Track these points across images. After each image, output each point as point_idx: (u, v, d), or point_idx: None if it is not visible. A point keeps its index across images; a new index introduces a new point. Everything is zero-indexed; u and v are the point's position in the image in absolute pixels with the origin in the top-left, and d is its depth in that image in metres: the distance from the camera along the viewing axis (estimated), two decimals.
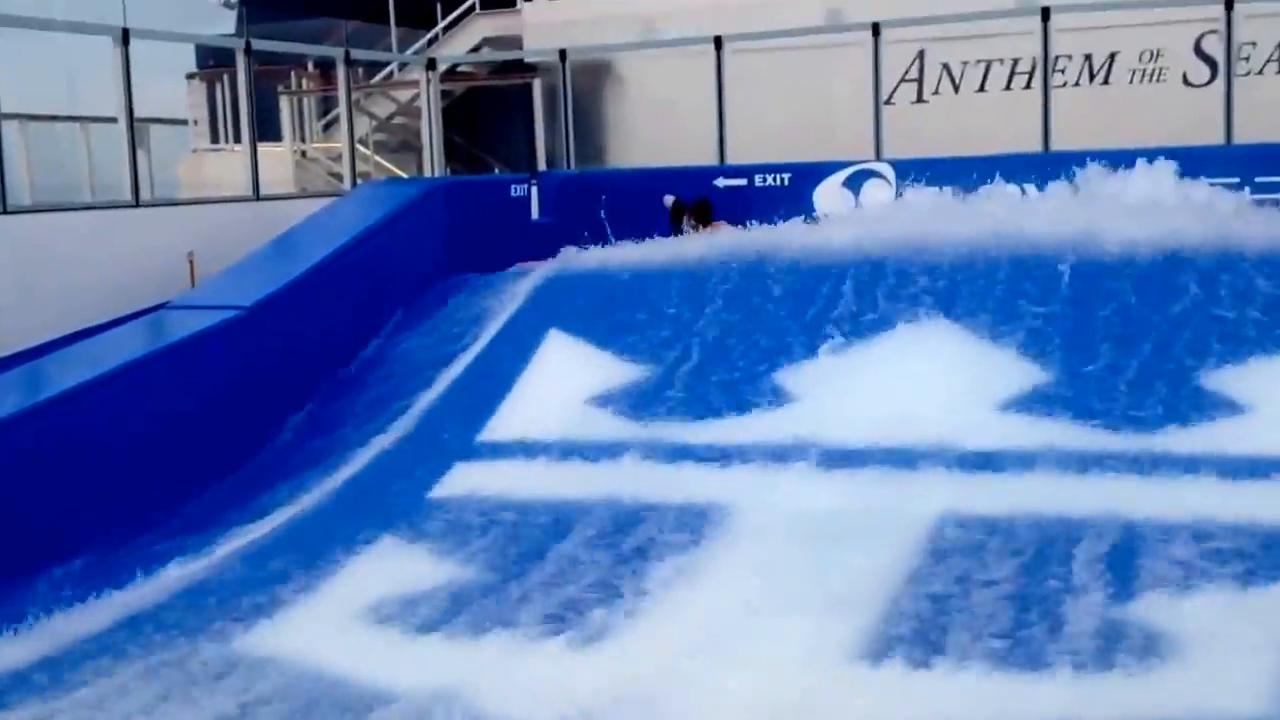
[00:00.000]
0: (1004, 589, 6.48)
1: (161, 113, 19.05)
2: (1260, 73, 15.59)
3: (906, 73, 16.93)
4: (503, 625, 6.55)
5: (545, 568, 7.16)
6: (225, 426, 9.08)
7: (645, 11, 18.55)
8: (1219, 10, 12.55)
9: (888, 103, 14.17)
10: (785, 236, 10.85)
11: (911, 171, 12.33)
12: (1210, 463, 7.53)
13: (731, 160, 13.58)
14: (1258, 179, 11.14)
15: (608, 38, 18.12)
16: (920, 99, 17.08)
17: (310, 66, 20.82)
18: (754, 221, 11.91)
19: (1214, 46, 14.74)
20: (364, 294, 10.66)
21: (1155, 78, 16.24)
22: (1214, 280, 9.03)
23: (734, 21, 15.47)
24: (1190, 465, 7.54)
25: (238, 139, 16.55)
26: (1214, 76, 14.95)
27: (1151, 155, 11.34)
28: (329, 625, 6.80)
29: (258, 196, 12.34)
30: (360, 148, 17.27)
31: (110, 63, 11.23)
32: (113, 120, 11.70)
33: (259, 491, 8.74)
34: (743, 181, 12.74)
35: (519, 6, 20.20)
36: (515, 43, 19.94)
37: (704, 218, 12.01)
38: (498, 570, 7.18)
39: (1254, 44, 15.24)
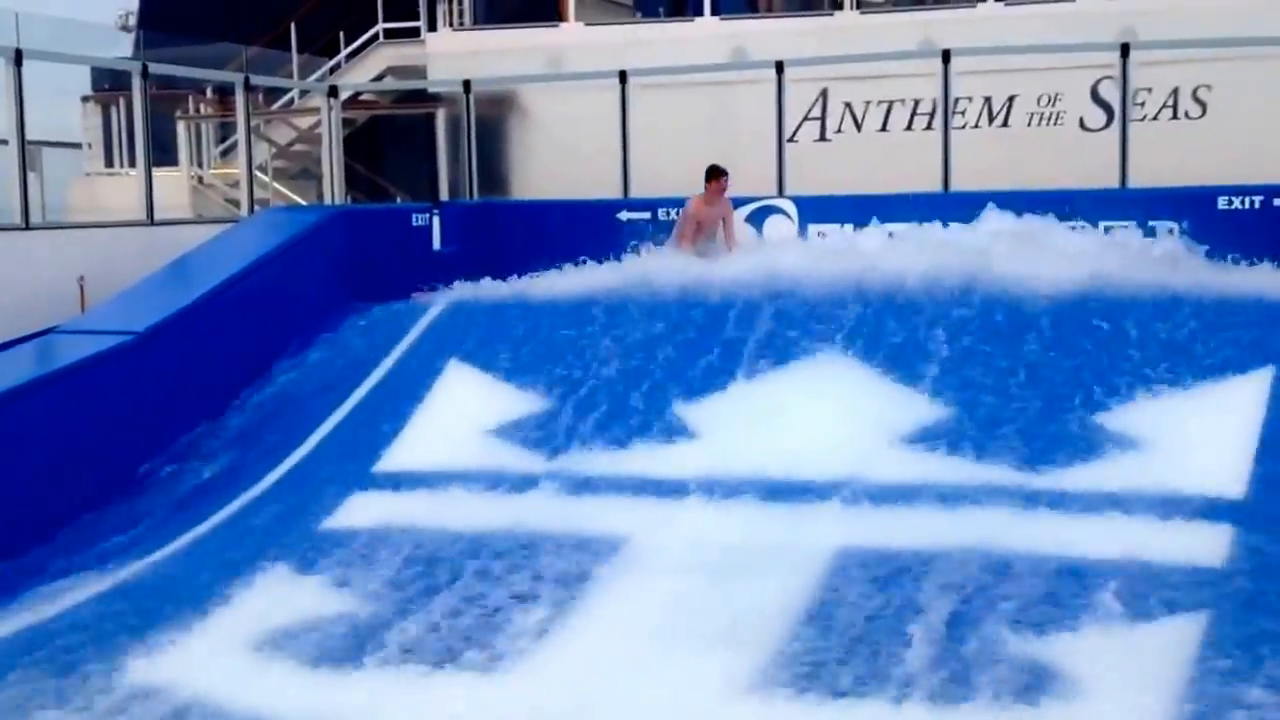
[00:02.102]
0: (902, 624, 6.48)
1: (55, 135, 18.71)
2: (1155, 118, 15.90)
3: (810, 111, 17.06)
4: (395, 656, 6.46)
5: (440, 599, 7.06)
6: (115, 454, 8.87)
7: (551, 44, 18.57)
8: (1115, 57, 12.78)
9: (791, 140, 14.26)
10: (688, 271, 10.89)
11: (813, 208, 12.40)
12: (1106, 500, 7.63)
13: (635, 194, 13.58)
14: (1151, 222, 11.33)
15: (513, 69, 18.10)
16: (823, 137, 17.21)
17: (209, 92, 20.59)
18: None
19: (1110, 92, 15.00)
20: (260, 322, 10.48)
21: (1053, 121, 16.51)
22: (1112, 320, 9.20)
23: (640, 56, 15.49)
24: (1087, 502, 7.65)
25: (133, 163, 16.27)
26: (1110, 121, 15.23)
27: (1050, 197, 11.50)
28: (219, 655, 6.66)
29: (152, 221, 12.12)
30: (259, 174, 17.06)
31: (2, 83, 10.98)
32: (3, 142, 11.43)
33: (149, 520, 8.55)
34: (646, 215, 12.74)
35: (423, 36, 20.12)
36: (419, 72, 19.84)
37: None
38: (391, 601, 7.08)
39: (1149, 90, 15.55)
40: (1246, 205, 11.10)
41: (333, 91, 14.84)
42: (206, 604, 7.19)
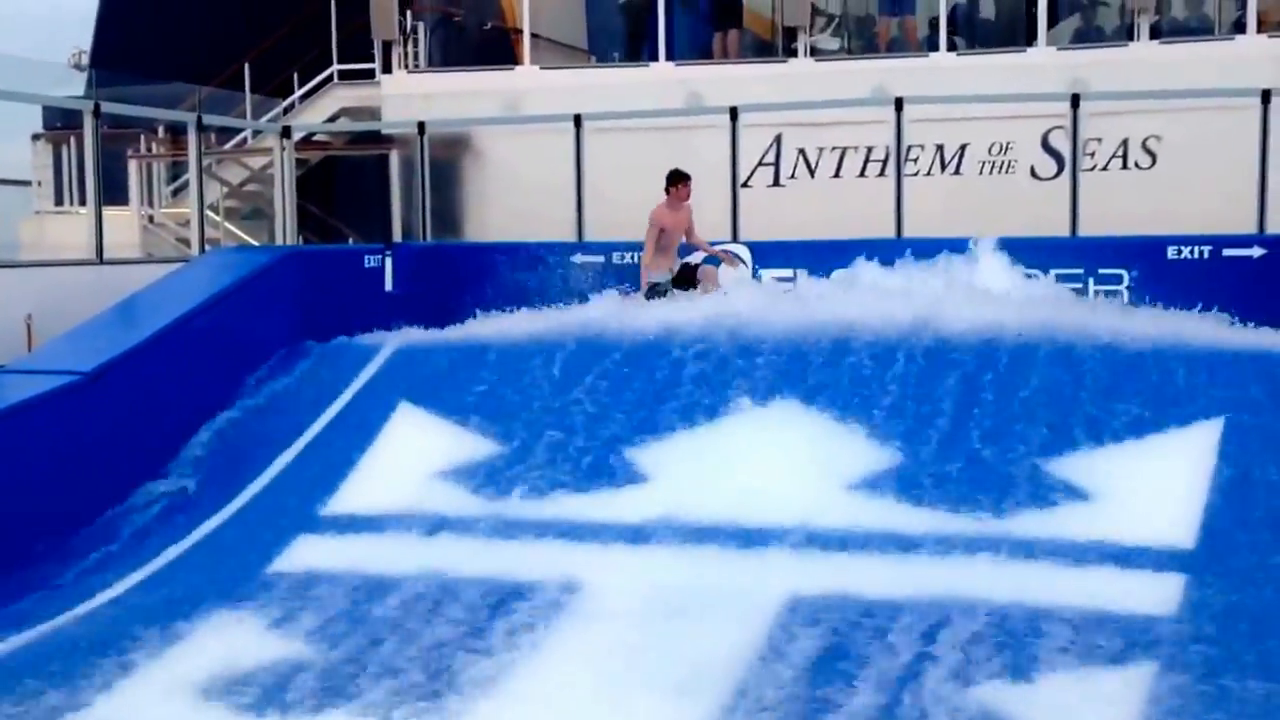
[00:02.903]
0: (854, 669, 6.47)
1: (4, 173, 18.57)
2: (1105, 168, 16.04)
3: (764, 157, 17.11)
4: (339, 703, 6.38)
5: (387, 645, 6.99)
6: (61, 496, 8.74)
7: (506, 87, 18.57)
8: (1066, 107, 12.91)
9: (745, 185, 14.29)
10: (640, 314, 10.89)
11: (767, 254, 12.43)
12: (1057, 548, 7.65)
13: (590, 238, 13.57)
14: (1100, 270, 11.41)
15: (468, 112, 18.08)
16: (777, 183, 17.27)
17: (161, 131, 20.45)
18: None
19: (1060, 141, 15.13)
20: (210, 362, 10.39)
21: (1004, 170, 16.62)
22: (1063, 369, 9.25)
23: (595, 101, 15.51)
24: (1038, 550, 7.66)
25: (83, 201, 16.13)
26: (1060, 170, 15.36)
27: (1002, 245, 11.56)
28: (160, 700, 6.58)
29: (101, 260, 12.00)
30: (210, 214, 16.95)
31: None
32: None
33: (94, 563, 8.45)
34: (600, 259, 12.74)
35: (378, 78, 20.09)
36: (373, 114, 19.78)
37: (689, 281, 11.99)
38: (337, 646, 7.00)
39: (1099, 140, 15.69)
40: (1195, 255, 11.20)
41: (286, 132, 14.78)
42: (151, 647, 7.11)
